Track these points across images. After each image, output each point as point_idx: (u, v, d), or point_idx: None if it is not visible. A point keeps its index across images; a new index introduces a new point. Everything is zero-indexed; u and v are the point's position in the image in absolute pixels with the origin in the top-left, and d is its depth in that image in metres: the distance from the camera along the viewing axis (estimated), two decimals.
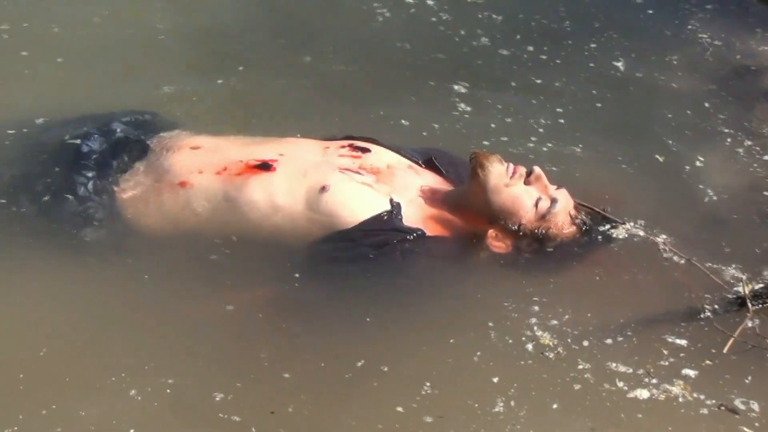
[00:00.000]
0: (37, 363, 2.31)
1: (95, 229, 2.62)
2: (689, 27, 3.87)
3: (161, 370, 2.32)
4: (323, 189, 2.66)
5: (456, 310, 2.61)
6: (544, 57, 3.62)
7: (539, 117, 3.28)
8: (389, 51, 3.64)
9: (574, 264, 2.77)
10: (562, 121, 3.28)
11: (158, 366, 2.33)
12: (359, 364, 2.39)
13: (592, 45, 3.71)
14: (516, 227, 2.75)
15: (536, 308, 2.56)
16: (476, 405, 2.30)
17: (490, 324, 2.53)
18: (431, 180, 2.86)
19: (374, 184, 2.75)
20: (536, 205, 2.74)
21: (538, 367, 2.41)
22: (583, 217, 2.81)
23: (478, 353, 2.44)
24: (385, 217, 2.68)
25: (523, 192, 2.75)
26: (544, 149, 3.12)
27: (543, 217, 2.74)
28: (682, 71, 3.64)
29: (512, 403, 2.30)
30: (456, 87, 3.40)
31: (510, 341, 2.49)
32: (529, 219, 2.74)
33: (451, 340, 2.49)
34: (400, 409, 2.29)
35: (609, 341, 2.48)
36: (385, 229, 2.68)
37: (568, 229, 2.78)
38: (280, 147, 2.80)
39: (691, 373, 2.39)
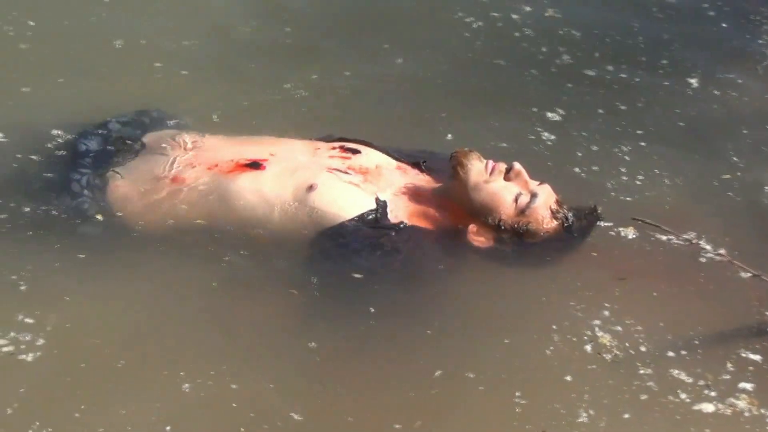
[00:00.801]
0: (96, 355, 2.39)
1: (93, 225, 2.70)
2: (760, 41, 3.92)
3: (209, 368, 2.39)
4: (310, 188, 2.73)
5: (521, 312, 2.66)
6: (623, 76, 3.65)
7: (623, 143, 3.27)
8: (473, 63, 3.70)
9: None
10: (643, 144, 3.29)
11: (209, 364, 2.40)
12: (437, 373, 2.45)
13: (664, 61, 3.76)
14: (496, 222, 2.79)
15: (606, 313, 2.59)
16: (564, 411, 2.35)
17: (554, 327, 2.58)
18: (418, 179, 2.91)
19: (361, 184, 2.80)
20: (516, 200, 2.78)
21: (603, 373, 2.45)
22: (565, 211, 2.83)
23: (550, 359, 2.49)
24: (371, 216, 2.73)
25: (503, 188, 2.79)
26: (637, 182, 3.10)
27: (522, 212, 2.78)
28: (755, 84, 3.65)
29: (591, 412, 2.34)
30: (539, 110, 3.41)
31: (572, 343, 2.53)
32: (508, 214, 2.78)
33: (507, 341, 2.54)
34: (502, 419, 2.35)
35: (671, 353, 2.52)
36: (371, 226, 2.72)
37: (550, 224, 2.80)
38: (272, 147, 2.86)
39: (757, 387, 2.41)
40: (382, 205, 2.76)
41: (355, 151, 2.89)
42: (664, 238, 2.81)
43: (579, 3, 4.08)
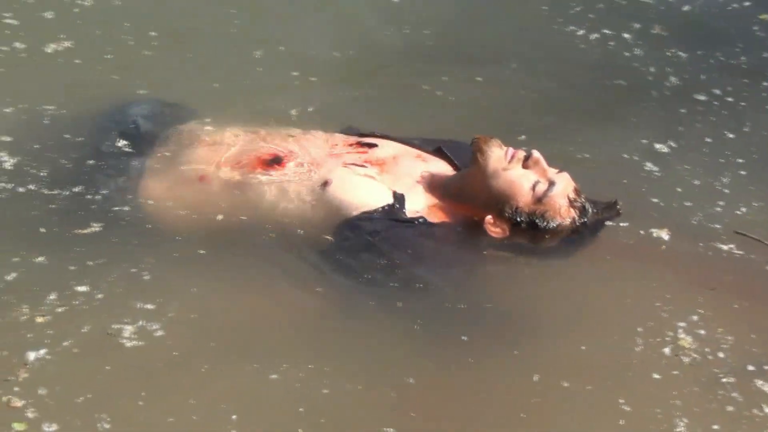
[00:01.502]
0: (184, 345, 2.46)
1: (120, 225, 2.74)
2: None
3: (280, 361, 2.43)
4: (326, 183, 2.77)
5: (596, 313, 2.69)
6: (730, 99, 3.61)
7: (725, 175, 3.22)
8: (582, 81, 3.71)
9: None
10: (743, 173, 3.25)
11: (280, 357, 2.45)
12: (535, 378, 2.46)
13: (765, 83, 3.74)
14: (513, 211, 2.79)
15: (694, 318, 2.61)
16: (660, 416, 2.38)
17: (639, 329, 2.59)
18: (438, 168, 2.92)
19: (377, 176, 2.83)
20: (533, 188, 2.78)
21: (687, 379, 2.47)
22: (583, 201, 2.82)
23: (634, 362, 2.51)
24: (388, 208, 2.76)
25: (521, 175, 2.79)
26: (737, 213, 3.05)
27: (540, 200, 2.78)
28: None
29: (685, 420, 2.36)
30: (642, 138, 3.36)
31: (652, 346, 2.55)
32: (526, 202, 2.78)
33: (583, 347, 2.55)
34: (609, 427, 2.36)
35: (751, 367, 2.52)
36: (387, 219, 2.74)
37: (567, 213, 2.80)
38: (291, 143, 2.89)
39: None
40: (399, 198, 2.79)
41: (372, 145, 2.91)
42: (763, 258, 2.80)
43: (684, 20, 4.07)
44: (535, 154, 2.81)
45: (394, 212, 2.76)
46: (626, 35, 3.95)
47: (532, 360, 2.51)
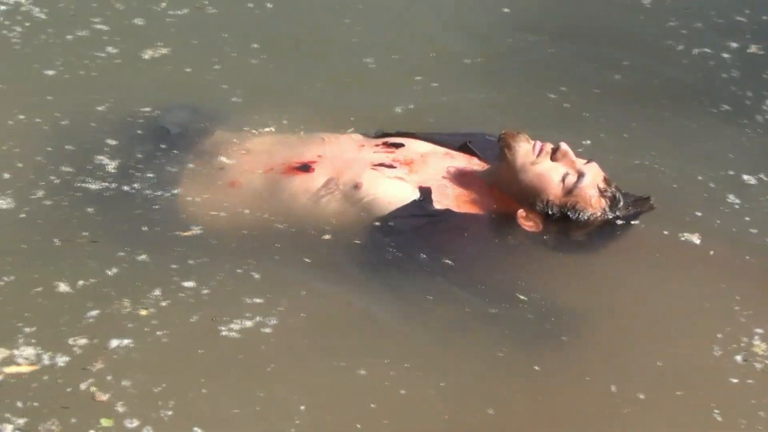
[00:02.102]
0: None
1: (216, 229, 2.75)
2: None
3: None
4: (356, 186, 2.78)
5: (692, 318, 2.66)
6: None
7: None
8: (675, 99, 3.67)
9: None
10: None
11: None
12: (613, 389, 2.43)
13: None
14: (544, 204, 2.79)
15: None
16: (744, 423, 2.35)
17: (719, 335, 2.57)
18: (466, 163, 2.92)
19: (406, 176, 2.83)
20: (563, 180, 2.78)
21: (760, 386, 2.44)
22: (613, 190, 2.82)
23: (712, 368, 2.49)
24: (416, 204, 2.76)
25: (550, 168, 2.79)
26: None
27: (570, 191, 2.78)
28: None
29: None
30: (735, 171, 3.23)
31: (728, 352, 2.52)
32: (556, 194, 2.79)
33: (658, 362, 2.51)
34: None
35: None
36: (416, 215, 2.74)
37: (598, 203, 2.80)
38: (320, 148, 2.91)
39: None
40: (425, 192, 2.79)
41: (399, 145, 2.93)
42: None
43: None
44: (563, 146, 2.81)
45: (423, 207, 2.76)
46: (724, 55, 3.94)
47: (605, 368, 2.51)
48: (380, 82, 3.59)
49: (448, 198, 2.83)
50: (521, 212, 2.81)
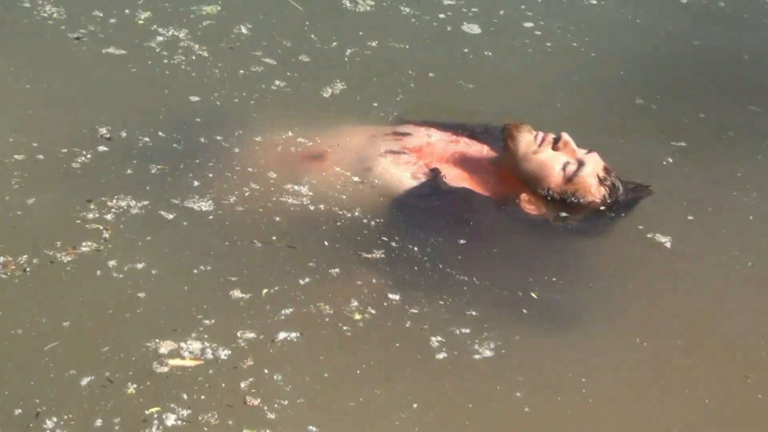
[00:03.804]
0: None
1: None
2: None
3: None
4: (368, 170, 2.90)
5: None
6: None
7: None
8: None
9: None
10: None
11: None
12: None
13: None
14: (545, 191, 2.87)
15: None
16: None
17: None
18: (473, 150, 3.01)
19: (415, 161, 2.92)
20: (564, 168, 2.86)
21: None
22: (613, 179, 2.89)
23: None
24: (429, 184, 2.85)
25: (551, 157, 2.88)
26: None
27: (570, 179, 2.86)
28: None
29: None
30: None
31: None
32: (557, 182, 2.87)
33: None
34: None
35: None
36: (434, 192, 2.84)
37: (597, 191, 2.88)
38: (333, 139, 3.03)
39: None
40: (435, 172, 2.87)
41: (407, 134, 3.01)
42: None
43: None
44: (565, 136, 2.89)
45: (438, 186, 2.85)
46: None
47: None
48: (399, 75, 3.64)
49: (456, 181, 2.91)
50: (524, 196, 2.89)
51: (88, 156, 2.99)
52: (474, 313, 2.59)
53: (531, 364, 2.51)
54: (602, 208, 2.91)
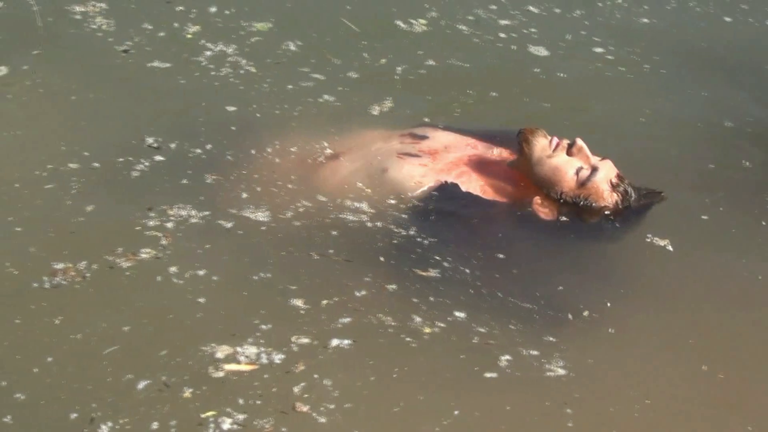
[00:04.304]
0: None
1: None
2: None
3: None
4: (384, 171, 2.95)
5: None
6: None
7: None
8: None
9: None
10: None
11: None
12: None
13: None
14: (558, 195, 2.91)
15: None
16: None
17: None
18: (489, 153, 3.05)
19: (430, 163, 2.97)
20: (577, 173, 2.90)
21: None
22: (626, 185, 2.92)
23: None
24: (446, 188, 2.90)
25: (565, 162, 2.91)
26: None
27: (583, 184, 2.89)
28: None
29: None
30: None
31: None
32: (570, 187, 2.90)
33: None
34: None
35: None
36: (448, 197, 2.89)
37: (610, 197, 2.91)
38: (350, 141, 3.11)
39: None
40: (452, 186, 2.91)
41: (424, 137, 3.06)
42: None
43: None
44: (579, 141, 2.92)
45: (450, 188, 2.90)
46: None
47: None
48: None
49: (471, 184, 2.95)
50: (537, 198, 2.93)
51: (143, 165, 3.05)
52: (547, 338, 2.62)
53: (585, 381, 2.53)
54: (616, 213, 2.95)
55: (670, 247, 2.94)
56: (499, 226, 2.90)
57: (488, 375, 2.50)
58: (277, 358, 2.46)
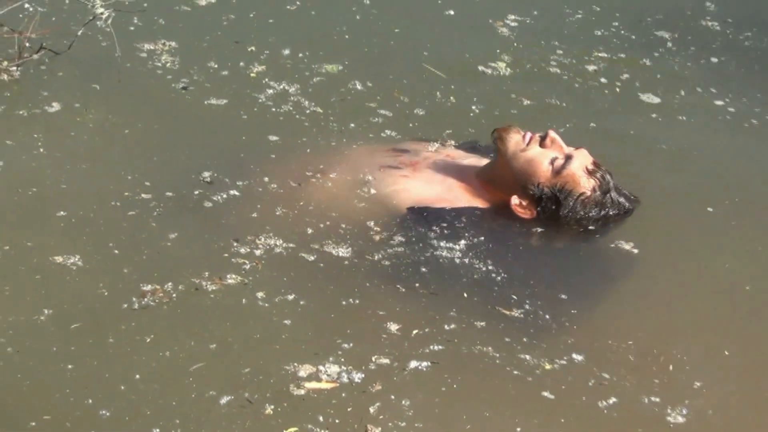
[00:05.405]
0: None
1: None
2: None
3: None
4: (366, 183, 3.05)
5: None
6: None
7: None
8: None
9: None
10: None
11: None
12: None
13: None
14: (535, 187, 2.97)
15: None
16: None
17: None
18: (467, 161, 3.15)
19: (410, 174, 3.08)
20: (552, 163, 2.96)
21: None
22: (603, 171, 2.98)
23: None
24: (425, 205, 2.99)
25: (539, 153, 2.98)
26: None
27: (558, 173, 2.95)
28: None
29: None
30: None
31: None
32: (546, 177, 2.96)
33: None
34: None
35: None
36: (430, 208, 2.97)
37: (587, 183, 2.97)
38: (337, 157, 3.22)
39: None
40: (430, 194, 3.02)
41: (405, 151, 3.19)
42: None
43: None
44: (551, 133, 2.99)
45: (433, 208, 2.99)
46: None
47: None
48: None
49: (452, 193, 3.05)
50: (514, 198, 3.00)
51: (219, 196, 3.14)
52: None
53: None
54: (595, 204, 3.00)
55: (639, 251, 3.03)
56: (485, 231, 2.98)
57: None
58: (356, 376, 2.55)
